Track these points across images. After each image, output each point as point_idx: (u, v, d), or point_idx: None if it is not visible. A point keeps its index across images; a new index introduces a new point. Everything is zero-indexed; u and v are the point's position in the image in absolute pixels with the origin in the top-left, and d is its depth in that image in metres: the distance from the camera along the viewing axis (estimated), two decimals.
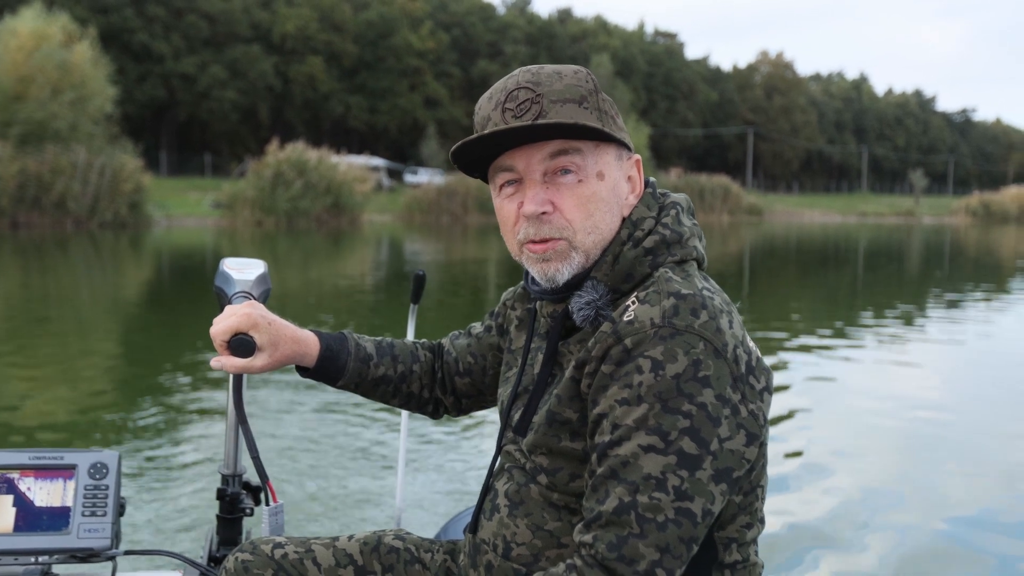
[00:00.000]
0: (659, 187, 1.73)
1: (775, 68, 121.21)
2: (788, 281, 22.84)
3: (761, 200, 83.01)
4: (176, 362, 9.95)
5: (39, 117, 38.33)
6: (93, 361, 10.37)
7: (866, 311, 15.91)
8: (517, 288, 1.94)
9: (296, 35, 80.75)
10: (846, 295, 19.12)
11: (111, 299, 16.90)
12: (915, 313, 15.73)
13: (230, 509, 2.10)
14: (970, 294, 18.90)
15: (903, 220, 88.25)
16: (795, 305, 17.08)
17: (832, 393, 8.76)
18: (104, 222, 38.75)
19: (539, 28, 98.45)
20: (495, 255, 29.90)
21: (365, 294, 18.21)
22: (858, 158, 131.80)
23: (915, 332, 13.22)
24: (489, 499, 1.74)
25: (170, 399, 8.02)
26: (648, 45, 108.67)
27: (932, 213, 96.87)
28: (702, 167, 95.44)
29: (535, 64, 1.63)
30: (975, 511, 5.54)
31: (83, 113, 40.03)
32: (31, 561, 1.76)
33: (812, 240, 45.78)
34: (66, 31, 41.52)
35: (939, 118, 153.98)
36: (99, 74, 41.78)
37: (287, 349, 1.81)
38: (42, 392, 8.40)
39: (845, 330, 13.14)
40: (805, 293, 19.92)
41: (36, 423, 7.17)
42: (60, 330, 12.56)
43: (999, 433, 7.57)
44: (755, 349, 1.55)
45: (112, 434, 6.85)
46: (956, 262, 31.75)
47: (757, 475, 1.56)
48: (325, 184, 46.92)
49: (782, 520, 5.03)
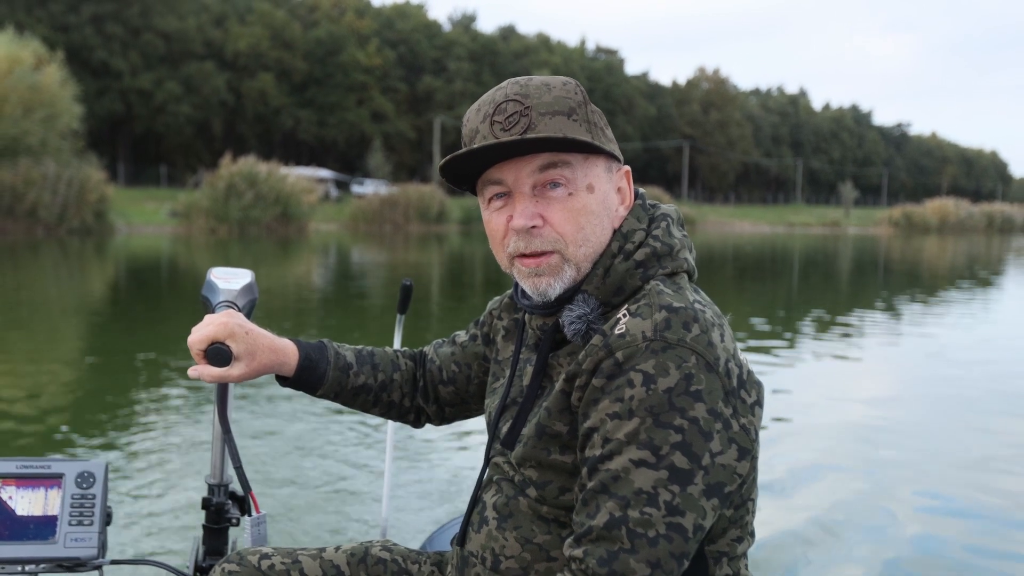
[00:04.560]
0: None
1: (713, 84, 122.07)
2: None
3: (694, 211, 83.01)
4: (161, 369, 9.72)
5: (13, 133, 40.82)
6: (73, 367, 10.21)
7: (758, 318, 15.33)
8: (503, 297, 1.91)
9: (248, 52, 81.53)
10: (733, 302, 18.11)
11: (88, 303, 16.91)
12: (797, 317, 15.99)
13: (216, 519, 2.01)
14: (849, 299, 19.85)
15: (829, 230, 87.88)
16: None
17: (792, 403, 8.52)
18: (72, 229, 40.77)
19: (482, 45, 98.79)
20: (435, 259, 31.46)
21: (312, 292, 19.36)
22: (794, 170, 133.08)
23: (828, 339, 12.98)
24: (477, 511, 1.71)
25: (156, 407, 7.85)
26: (589, 61, 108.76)
27: (858, 224, 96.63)
28: (642, 179, 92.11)
29: (518, 77, 1.61)
30: (961, 516, 5.49)
31: (52, 130, 42.55)
32: (17, 570, 1.72)
33: (724, 249, 45.41)
34: (37, 55, 43.98)
35: (874, 132, 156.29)
36: (66, 94, 44.30)
37: (265, 358, 1.78)
38: (25, 399, 8.12)
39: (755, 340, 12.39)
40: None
41: (19, 430, 6.96)
42: (37, 334, 12.44)
43: (973, 429, 7.67)
44: (746, 362, 1.52)
45: (98, 442, 6.69)
46: (835, 267, 33.84)
47: (748, 489, 1.53)
48: (274, 195, 48.20)
49: (769, 531, 4.91)
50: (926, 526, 5.29)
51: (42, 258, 28.83)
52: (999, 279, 27.94)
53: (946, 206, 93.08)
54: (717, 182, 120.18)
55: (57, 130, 43.10)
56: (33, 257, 29.04)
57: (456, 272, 26.73)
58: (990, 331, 14.63)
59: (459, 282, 23.49)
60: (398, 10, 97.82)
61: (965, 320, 16.11)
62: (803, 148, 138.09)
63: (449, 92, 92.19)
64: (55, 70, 44.15)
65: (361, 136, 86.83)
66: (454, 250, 38.48)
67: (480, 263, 28.87)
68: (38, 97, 42.49)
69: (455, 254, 35.73)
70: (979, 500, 5.81)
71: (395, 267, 27.82)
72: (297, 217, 50.37)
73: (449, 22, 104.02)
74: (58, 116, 43.22)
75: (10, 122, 40.95)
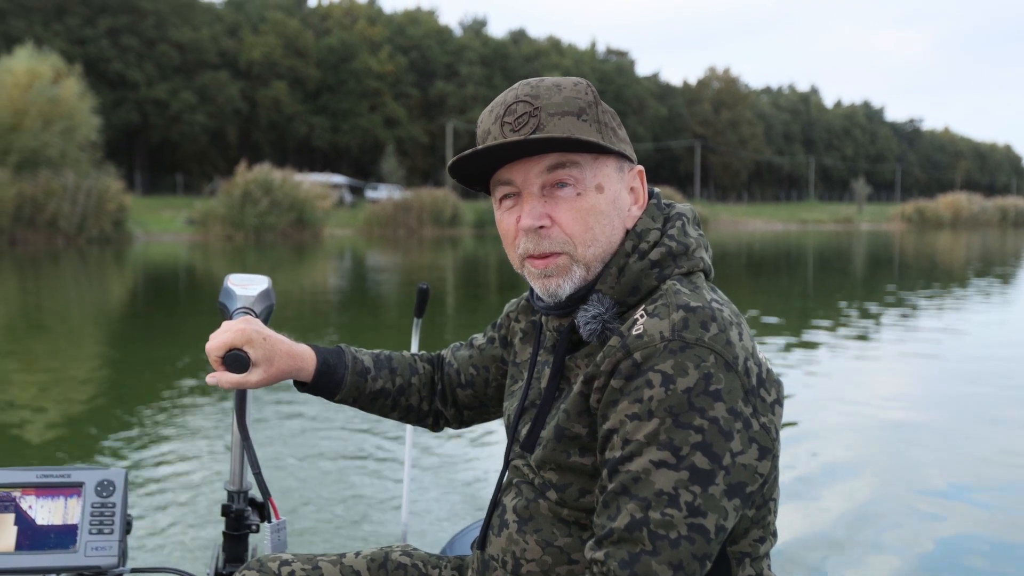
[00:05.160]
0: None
1: (724, 83, 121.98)
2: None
3: (707, 210, 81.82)
4: (180, 375, 9.70)
5: (33, 146, 41.48)
6: (94, 374, 10.29)
7: (769, 315, 15.42)
8: (520, 300, 1.90)
9: (262, 61, 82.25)
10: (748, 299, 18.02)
11: (108, 311, 17.04)
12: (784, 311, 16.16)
13: (236, 526, 2.02)
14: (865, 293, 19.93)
15: (841, 227, 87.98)
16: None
17: (813, 401, 8.49)
18: (91, 238, 41.41)
19: (493, 49, 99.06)
20: (449, 262, 31.73)
21: (327, 294, 19.65)
22: (807, 168, 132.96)
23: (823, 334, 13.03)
24: (497, 515, 1.70)
25: (175, 413, 7.86)
26: (599, 63, 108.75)
27: (871, 220, 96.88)
28: (655, 179, 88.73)
29: (521, 80, 1.61)
30: (987, 512, 5.42)
31: (71, 141, 43.19)
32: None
33: (732, 248, 45.54)
34: (56, 69, 44.53)
35: (887, 128, 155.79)
36: (85, 106, 44.99)
37: (283, 364, 1.77)
38: (46, 407, 8.24)
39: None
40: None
41: (41, 438, 7.07)
42: (59, 341, 12.64)
43: (996, 424, 7.66)
44: (765, 361, 1.51)
45: (118, 450, 6.71)
46: (846, 263, 33.74)
47: (769, 488, 1.52)
48: (289, 201, 48.68)
49: (794, 531, 4.89)
50: (952, 524, 5.23)
51: (63, 267, 29.07)
52: (1014, 274, 27.73)
53: (959, 201, 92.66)
54: (730, 181, 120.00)
55: (76, 142, 43.70)
56: (54, 266, 29.30)
57: (471, 275, 26.94)
58: (1006, 328, 14.65)
59: (474, 283, 23.76)
60: (409, 16, 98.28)
61: (981, 316, 16.05)
62: (815, 145, 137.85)
63: (461, 96, 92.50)
64: (74, 83, 44.65)
65: (374, 142, 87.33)
66: (468, 253, 38.71)
67: (494, 265, 29.07)
68: (57, 110, 43.16)
69: (469, 257, 35.98)
70: (1006, 497, 5.74)
71: (410, 270, 28.07)
72: (312, 223, 50.63)
73: (460, 27, 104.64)
74: (77, 128, 43.89)
75: (30, 135, 41.80)
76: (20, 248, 38.21)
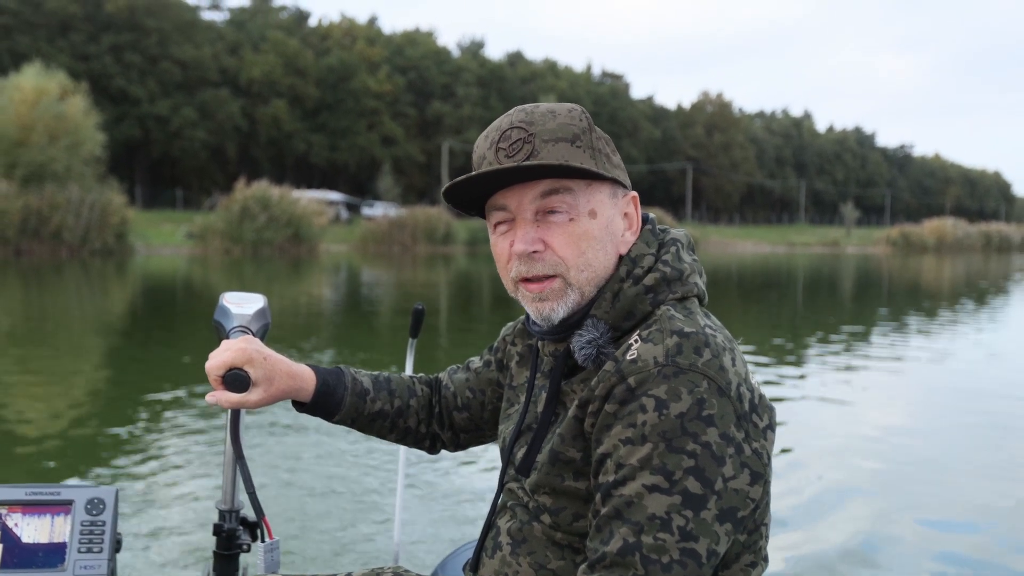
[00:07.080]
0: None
1: (717, 107, 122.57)
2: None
3: (697, 231, 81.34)
4: (175, 392, 9.51)
5: (39, 160, 42.40)
6: (89, 389, 10.14)
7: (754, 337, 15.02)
8: (517, 324, 1.90)
9: (262, 79, 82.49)
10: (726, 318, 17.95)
11: (108, 323, 17.04)
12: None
13: (227, 545, 1.98)
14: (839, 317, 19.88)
15: (828, 249, 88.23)
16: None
17: (806, 426, 8.42)
18: (94, 250, 42.05)
19: (490, 71, 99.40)
20: (443, 278, 31.96)
21: (323, 311, 19.77)
22: (798, 191, 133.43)
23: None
24: (491, 537, 1.69)
25: (169, 430, 7.79)
26: (594, 86, 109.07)
27: (858, 243, 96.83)
28: (648, 201, 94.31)
29: (519, 103, 1.64)
30: (984, 537, 5.41)
31: (76, 156, 44.03)
32: None
33: (718, 269, 44.87)
34: (62, 86, 45.28)
35: (877, 153, 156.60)
36: (89, 123, 45.83)
37: (282, 384, 1.76)
38: (40, 422, 8.18)
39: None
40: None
41: (31, 452, 7.02)
42: (59, 350, 12.63)
43: (990, 448, 7.56)
44: (757, 386, 1.51)
45: (109, 467, 6.62)
46: (818, 284, 34.35)
47: (761, 513, 1.51)
48: (287, 217, 48.94)
49: (789, 556, 4.88)
50: (947, 551, 5.16)
51: (66, 278, 29.38)
52: (992, 298, 27.65)
53: (944, 226, 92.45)
54: (722, 203, 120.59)
55: (81, 157, 44.47)
56: (57, 277, 29.67)
57: (464, 291, 26.92)
58: (994, 350, 14.48)
59: (467, 300, 23.77)
60: (408, 37, 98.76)
61: (966, 338, 15.98)
62: (807, 169, 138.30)
63: (458, 117, 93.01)
64: (79, 100, 45.75)
65: (371, 160, 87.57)
66: (461, 270, 38.98)
67: (487, 282, 29.24)
68: (63, 126, 44.03)
69: (462, 274, 36.28)
70: (1003, 522, 5.69)
71: (404, 286, 28.27)
72: (308, 238, 51.04)
73: (458, 49, 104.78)
74: (82, 143, 44.70)
75: (37, 149, 42.69)
76: (25, 259, 38.89)
